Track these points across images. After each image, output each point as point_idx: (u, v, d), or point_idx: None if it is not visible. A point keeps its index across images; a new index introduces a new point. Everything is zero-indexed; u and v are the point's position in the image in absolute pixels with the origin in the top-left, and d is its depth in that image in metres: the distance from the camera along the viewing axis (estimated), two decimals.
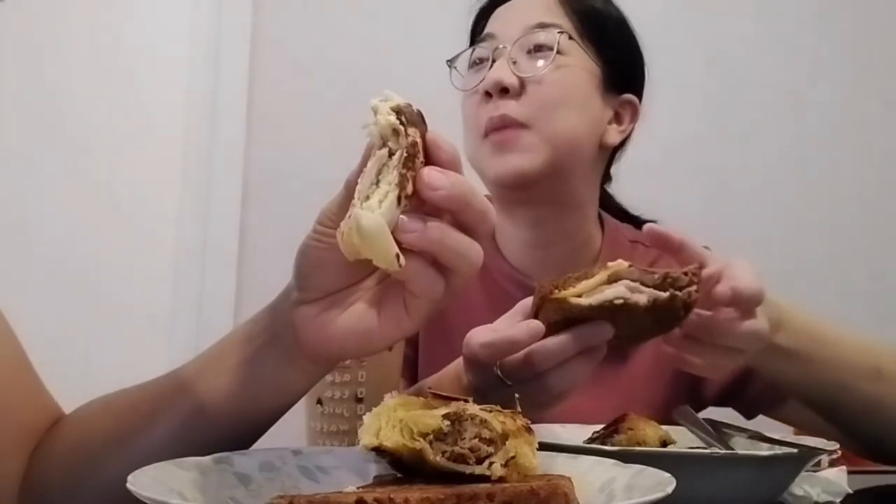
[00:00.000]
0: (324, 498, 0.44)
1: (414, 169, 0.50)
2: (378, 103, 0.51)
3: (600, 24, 1.11)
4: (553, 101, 1.05)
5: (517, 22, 1.09)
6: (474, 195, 0.52)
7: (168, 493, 0.46)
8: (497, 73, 1.05)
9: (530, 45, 1.07)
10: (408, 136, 0.50)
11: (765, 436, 0.79)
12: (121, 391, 0.68)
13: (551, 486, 0.45)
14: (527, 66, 1.06)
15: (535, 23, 1.07)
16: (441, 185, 0.50)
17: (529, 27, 1.07)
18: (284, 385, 0.61)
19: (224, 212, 2.14)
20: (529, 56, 1.06)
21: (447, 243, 0.51)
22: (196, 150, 2.15)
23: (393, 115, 0.50)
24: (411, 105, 0.51)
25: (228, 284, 2.11)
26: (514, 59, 1.06)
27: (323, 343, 0.58)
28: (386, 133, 0.50)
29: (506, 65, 1.05)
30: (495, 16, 1.14)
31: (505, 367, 0.71)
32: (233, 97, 2.16)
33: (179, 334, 2.07)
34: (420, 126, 0.51)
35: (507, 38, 1.08)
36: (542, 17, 1.08)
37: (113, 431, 0.65)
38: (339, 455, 0.59)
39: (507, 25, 1.09)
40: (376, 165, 0.50)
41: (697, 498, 0.55)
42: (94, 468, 0.64)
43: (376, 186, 0.50)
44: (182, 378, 0.64)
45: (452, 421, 0.47)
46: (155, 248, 2.17)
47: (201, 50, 2.17)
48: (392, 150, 0.50)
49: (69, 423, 0.70)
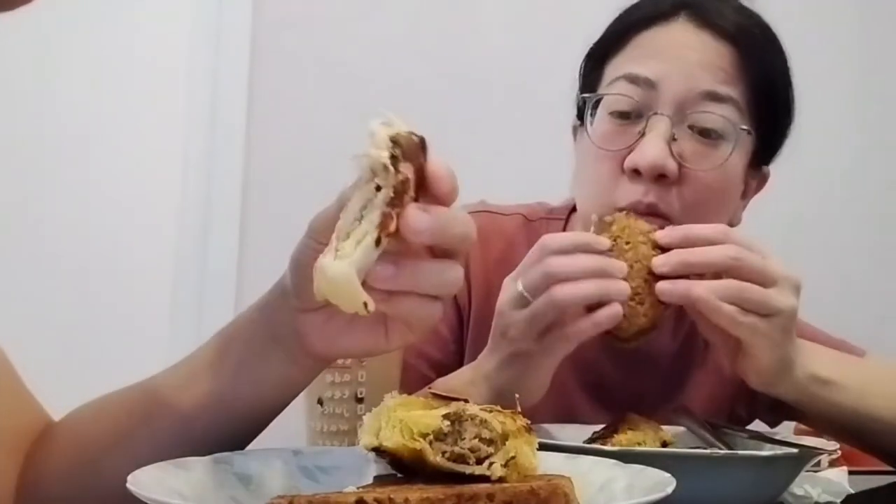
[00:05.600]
0: (324, 498, 0.44)
1: (401, 205, 0.48)
2: (377, 128, 0.49)
3: (773, 97, 0.95)
4: (708, 201, 0.90)
5: (684, 78, 0.89)
6: (455, 223, 0.51)
7: (168, 493, 0.46)
8: (657, 155, 0.86)
9: (697, 123, 0.89)
10: (398, 173, 0.48)
11: (765, 436, 0.79)
12: (116, 392, 0.68)
13: (551, 486, 0.45)
14: (692, 155, 0.89)
15: (708, 90, 0.89)
16: (424, 228, 0.49)
17: (700, 95, 0.89)
18: (288, 383, 0.62)
19: (224, 212, 2.14)
20: (693, 135, 0.89)
21: (422, 280, 0.52)
22: (196, 150, 2.15)
23: (386, 150, 0.48)
24: (413, 134, 0.49)
25: (228, 284, 2.11)
26: (675, 136, 0.88)
27: (332, 349, 0.60)
28: (376, 168, 0.48)
29: (664, 142, 0.87)
30: (649, 45, 0.93)
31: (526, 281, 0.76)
32: (233, 97, 2.16)
33: (179, 334, 2.07)
34: (417, 158, 0.49)
35: (669, 98, 0.88)
36: (715, 82, 0.89)
37: (111, 433, 0.65)
38: (339, 455, 0.59)
39: (671, 76, 0.89)
40: (361, 200, 0.49)
41: (697, 498, 0.55)
42: (93, 470, 0.64)
43: (358, 223, 0.48)
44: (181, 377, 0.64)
45: (452, 421, 0.47)
46: (155, 248, 2.16)
47: (201, 50, 2.17)
48: (379, 187, 0.48)
49: (65, 426, 0.69)
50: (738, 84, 0.91)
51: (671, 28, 0.93)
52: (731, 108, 0.90)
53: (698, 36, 0.92)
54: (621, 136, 0.90)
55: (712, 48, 0.91)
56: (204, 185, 2.14)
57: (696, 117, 0.89)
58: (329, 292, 0.47)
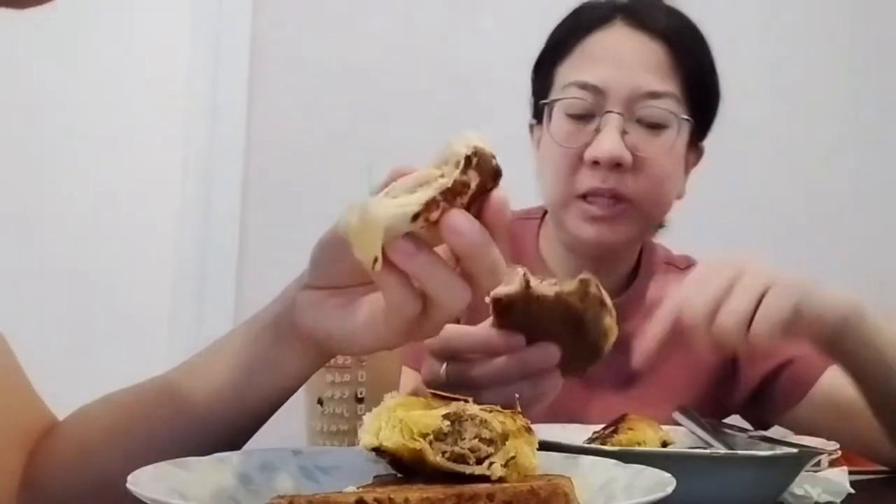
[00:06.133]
0: (324, 498, 0.44)
1: (450, 203, 0.49)
2: (471, 134, 0.50)
3: (703, 84, 1.08)
4: (662, 182, 1.05)
5: (627, 80, 1.02)
6: (488, 251, 0.51)
7: (168, 493, 0.46)
8: (613, 147, 1.00)
9: (643, 117, 1.03)
10: (465, 174, 0.49)
11: (765, 436, 0.79)
12: (119, 391, 0.68)
13: (551, 486, 0.45)
14: (642, 144, 1.02)
15: (649, 91, 1.02)
16: (465, 231, 0.49)
17: (643, 94, 1.02)
18: (278, 366, 0.62)
19: (224, 212, 2.14)
20: (641, 127, 1.03)
21: (431, 277, 0.51)
22: (196, 150, 2.15)
23: (466, 150, 0.49)
24: (494, 158, 0.50)
25: (228, 284, 2.11)
26: (626, 130, 1.02)
27: (313, 327, 0.59)
28: (450, 160, 0.50)
29: (617, 136, 1.01)
30: (594, 52, 1.06)
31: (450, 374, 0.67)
32: (233, 97, 2.16)
33: (179, 335, 2.07)
34: (485, 177, 0.50)
35: (617, 100, 1.02)
36: (655, 81, 1.03)
37: (112, 429, 0.65)
38: (339, 455, 0.59)
39: (616, 80, 1.02)
40: (421, 178, 0.50)
41: (697, 498, 0.55)
42: (95, 467, 0.64)
43: (408, 195, 0.49)
44: (180, 374, 0.65)
45: (452, 421, 0.47)
46: (155, 248, 2.17)
47: (201, 50, 2.17)
48: (443, 175, 0.50)
49: (68, 425, 0.70)
50: (673, 79, 1.04)
51: (610, 32, 1.06)
52: (671, 101, 1.04)
53: (635, 38, 1.05)
54: (579, 134, 1.04)
55: (649, 49, 1.04)
56: (204, 185, 2.15)
57: (642, 112, 1.03)
58: (353, 230, 0.48)
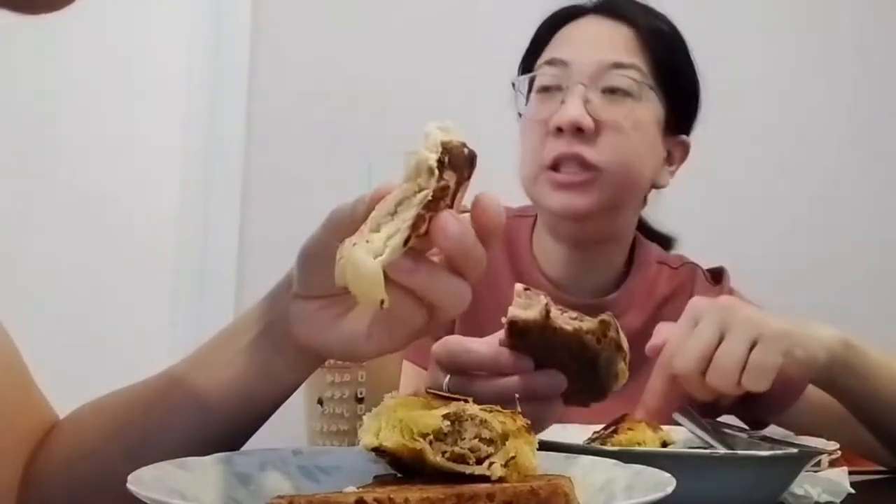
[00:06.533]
0: (324, 498, 0.44)
1: (436, 210, 0.49)
2: (432, 130, 0.50)
3: (674, 69, 1.11)
4: (626, 149, 1.06)
5: (592, 54, 1.07)
6: (476, 246, 0.52)
7: (168, 493, 0.46)
8: (575, 113, 1.04)
9: (606, 85, 1.06)
10: (442, 179, 0.49)
11: (765, 436, 0.79)
12: (117, 391, 0.68)
13: (551, 486, 0.45)
14: (604, 110, 1.05)
15: (613, 61, 1.06)
16: (455, 236, 0.50)
17: (606, 65, 1.06)
18: (274, 375, 0.62)
19: (224, 212, 2.14)
20: (604, 96, 1.06)
21: (435, 286, 0.52)
22: (196, 150, 2.15)
23: (435, 154, 0.49)
24: (465, 146, 0.50)
25: (228, 284, 2.11)
26: (589, 99, 1.05)
27: (311, 340, 0.59)
28: (422, 168, 0.49)
29: (580, 103, 1.04)
30: (565, 36, 1.12)
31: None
32: (232, 97, 2.16)
33: (179, 336, 2.07)
34: (463, 170, 0.50)
35: (582, 71, 1.06)
36: (619, 54, 1.07)
37: (110, 429, 0.65)
38: (339, 455, 0.59)
39: (581, 55, 1.08)
40: (400, 196, 0.50)
41: (697, 498, 0.55)
42: (95, 466, 0.64)
43: (391, 218, 0.49)
44: (178, 371, 0.65)
45: (452, 421, 0.47)
46: (155, 248, 2.16)
47: (200, 50, 2.17)
48: (420, 188, 0.49)
49: (66, 425, 0.70)
50: (638, 54, 1.08)
51: (583, 22, 1.12)
52: (633, 71, 1.07)
53: (605, 24, 1.11)
54: (546, 105, 1.08)
55: (618, 32, 1.09)
56: (204, 185, 2.14)
57: (605, 80, 1.06)
58: (352, 282, 0.48)
